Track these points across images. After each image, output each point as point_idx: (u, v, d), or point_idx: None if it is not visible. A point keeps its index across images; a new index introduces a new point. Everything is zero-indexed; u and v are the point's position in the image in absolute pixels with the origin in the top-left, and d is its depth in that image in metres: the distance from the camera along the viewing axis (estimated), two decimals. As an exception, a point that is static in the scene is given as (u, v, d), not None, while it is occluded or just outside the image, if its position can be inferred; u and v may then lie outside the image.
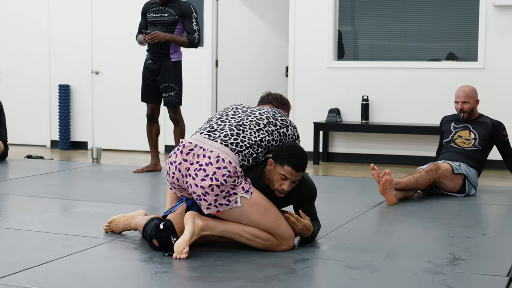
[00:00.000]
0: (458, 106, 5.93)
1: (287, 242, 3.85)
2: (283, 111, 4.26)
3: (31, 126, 10.47)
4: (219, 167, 3.64)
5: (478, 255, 3.92)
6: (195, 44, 6.74)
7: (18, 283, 3.24)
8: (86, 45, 10.10)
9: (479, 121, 5.98)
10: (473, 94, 5.94)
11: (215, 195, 3.65)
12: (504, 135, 5.90)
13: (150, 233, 3.84)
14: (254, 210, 3.73)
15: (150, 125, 7.00)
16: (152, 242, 3.84)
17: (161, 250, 3.76)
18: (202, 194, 3.66)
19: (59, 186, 6.43)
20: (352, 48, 9.18)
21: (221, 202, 3.67)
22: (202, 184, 3.64)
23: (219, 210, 3.69)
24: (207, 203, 3.68)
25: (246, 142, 3.80)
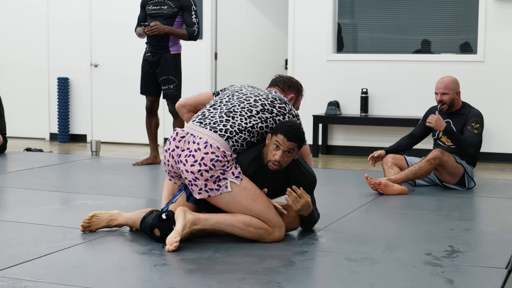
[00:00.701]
0: (438, 97, 5.76)
1: (279, 230, 3.86)
2: (290, 93, 4.29)
3: (30, 119, 10.46)
4: (206, 152, 3.73)
5: (477, 248, 3.92)
6: (194, 36, 6.73)
7: (18, 275, 3.24)
8: (85, 38, 10.09)
9: (460, 113, 5.78)
10: (453, 86, 5.75)
11: (204, 179, 3.72)
12: (472, 126, 5.67)
13: (151, 223, 3.84)
14: (244, 195, 3.78)
15: (149, 117, 7.00)
16: (153, 232, 3.84)
17: (162, 240, 3.77)
18: (193, 179, 3.74)
19: (58, 179, 6.43)
20: (351, 41, 9.17)
21: (211, 187, 3.74)
22: (192, 170, 3.73)
23: (210, 195, 3.75)
24: (198, 188, 3.75)
25: (236, 128, 3.84)
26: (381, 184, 5.42)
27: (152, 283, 3.16)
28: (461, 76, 8.37)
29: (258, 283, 3.20)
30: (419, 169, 5.56)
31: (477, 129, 5.69)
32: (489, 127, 8.29)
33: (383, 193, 5.41)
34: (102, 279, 3.23)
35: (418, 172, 5.57)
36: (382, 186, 5.42)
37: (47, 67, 10.32)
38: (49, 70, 10.32)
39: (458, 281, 3.25)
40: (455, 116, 5.79)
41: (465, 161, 5.68)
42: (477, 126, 5.69)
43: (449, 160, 5.59)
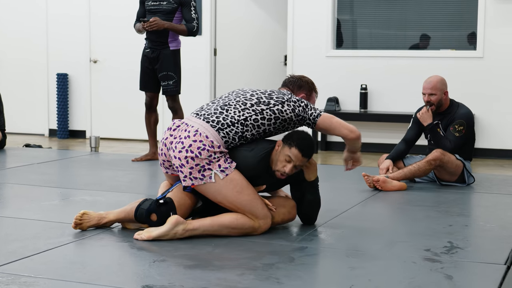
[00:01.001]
0: (425, 98, 5.70)
1: (265, 222, 3.89)
2: (300, 93, 4.26)
3: (29, 115, 10.46)
4: (195, 140, 3.80)
5: (476, 244, 3.93)
6: (194, 32, 6.73)
7: (17, 271, 3.24)
8: (84, 34, 10.08)
9: (447, 112, 5.73)
10: (440, 86, 5.69)
11: (190, 167, 3.78)
12: (455, 128, 5.62)
13: (148, 208, 3.84)
14: (230, 187, 3.81)
15: (148, 114, 6.99)
16: (150, 218, 3.83)
17: (158, 224, 3.79)
18: (179, 165, 3.82)
19: (58, 174, 6.43)
20: (351, 37, 9.17)
21: (195, 176, 3.79)
22: (179, 156, 3.81)
23: (194, 183, 3.81)
24: (183, 175, 3.82)
25: (228, 120, 3.88)
26: (380, 180, 5.42)
27: (151, 279, 3.16)
28: (461, 72, 8.38)
29: (258, 279, 3.20)
30: (418, 169, 5.55)
31: (459, 131, 5.62)
32: (488, 123, 8.29)
33: (382, 190, 5.42)
34: (101, 275, 3.23)
35: (416, 172, 5.56)
36: (380, 183, 5.42)
37: (46, 63, 10.31)
38: (48, 66, 10.31)
39: (457, 277, 3.25)
40: (443, 116, 5.76)
41: (462, 157, 5.67)
42: (461, 128, 5.63)
43: (450, 160, 5.58)
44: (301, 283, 3.15)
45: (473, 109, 5.75)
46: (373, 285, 3.12)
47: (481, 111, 8.26)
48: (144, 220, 3.88)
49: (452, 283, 3.16)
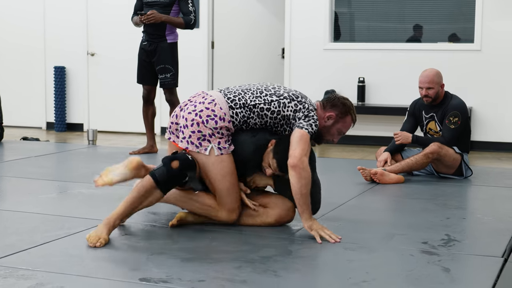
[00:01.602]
0: (423, 92, 5.67)
1: (228, 215, 3.87)
2: (329, 112, 4.06)
3: (27, 108, 10.44)
4: (208, 108, 3.85)
5: (473, 236, 3.93)
6: (191, 25, 6.72)
7: (15, 264, 3.24)
8: (81, 27, 10.06)
9: (442, 104, 5.71)
10: (437, 79, 5.66)
11: (191, 131, 3.83)
12: (450, 120, 5.60)
13: (171, 157, 3.77)
14: (218, 167, 3.82)
15: (146, 107, 6.98)
16: (170, 165, 3.72)
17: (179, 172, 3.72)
18: (184, 125, 3.86)
19: (55, 168, 6.43)
20: (348, 30, 9.16)
21: (193, 141, 3.82)
22: (187, 116, 3.86)
23: (188, 147, 3.84)
24: (183, 135, 3.86)
25: (242, 102, 3.90)
26: (377, 173, 5.42)
27: (149, 272, 3.16)
28: (458, 65, 8.38)
29: (255, 271, 3.21)
30: (415, 162, 5.55)
31: (455, 123, 5.61)
32: (485, 116, 8.30)
33: (380, 183, 5.42)
34: (99, 268, 3.24)
35: (414, 165, 5.57)
36: (378, 176, 5.42)
37: (43, 56, 10.30)
38: (45, 59, 10.30)
39: (454, 269, 3.26)
40: (438, 108, 5.74)
41: (460, 150, 5.68)
42: (455, 120, 5.62)
43: (447, 153, 5.58)
44: (299, 275, 3.16)
45: (470, 102, 5.75)
46: (370, 277, 3.12)
47: (478, 104, 8.27)
48: (166, 174, 3.70)
49: (450, 276, 3.16)
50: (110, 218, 3.73)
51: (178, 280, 3.06)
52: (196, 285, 3.00)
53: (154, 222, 4.08)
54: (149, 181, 3.73)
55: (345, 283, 3.05)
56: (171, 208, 4.40)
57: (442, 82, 5.71)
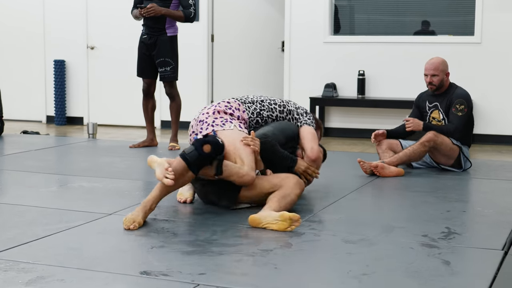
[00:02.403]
0: (427, 79, 5.72)
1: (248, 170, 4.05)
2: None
3: (27, 102, 10.44)
4: (223, 101, 4.47)
5: (474, 229, 3.93)
6: (191, 18, 6.71)
7: (15, 257, 3.25)
8: (81, 20, 10.05)
9: (446, 94, 5.75)
10: (442, 67, 5.71)
11: (214, 117, 4.31)
12: (456, 108, 5.64)
13: (202, 140, 3.85)
14: (240, 136, 4.20)
15: (146, 100, 6.98)
16: (202, 149, 3.82)
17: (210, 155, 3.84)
18: (205, 118, 4.33)
19: (55, 161, 6.43)
20: (348, 23, 9.15)
21: (217, 123, 4.29)
22: (207, 111, 4.38)
23: (214, 129, 4.25)
24: (207, 124, 4.29)
25: (250, 99, 4.56)
26: (378, 166, 5.42)
27: (149, 265, 3.16)
28: (459, 57, 8.37)
29: (255, 264, 3.21)
30: (413, 152, 5.55)
31: (461, 111, 5.63)
32: (485, 109, 8.30)
33: (380, 175, 5.42)
34: (99, 261, 3.24)
35: (412, 155, 5.57)
36: (379, 169, 5.42)
37: (43, 50, 10.29)
38: (45, 53, 10.29)
39: (454, 262, 3.26)
40: (442, 97, 5.77)
41: (459, 141, 5.68)
42: (462, 107, 5.65)
43: (444, 142, 5.58)
44: (299, 268, 3.16)
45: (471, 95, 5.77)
46: (370, 270, 3.13)
47: (479, 97, 8.26)
48: (198, 157, 3.82)
49: (450, 269, 3.16)
50: (146, 202, 3.85)
51: (178, 273, 3.06)
52: (197, 278, 3.01)
53: (154, 215, 4.08)
54: (181, 164, 3.86)
55: (345, 276, 3.06)
56: (171, 202, 4.41)
57: (448, 71, 5.75)
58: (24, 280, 2.95)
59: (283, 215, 3.76)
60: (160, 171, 3.83)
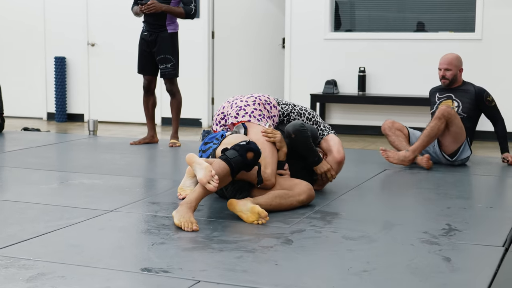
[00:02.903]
0: (441, 73, 5.83)
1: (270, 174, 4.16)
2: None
3: (28, 99, 10.45)
4: (263, 95, 4.59)
5: (474, 226, 3.93)
6: (191, 15, 6.70)
7: (16, 254, 3.25)
8: (82, 17, 10.04)
9: (462, 88, 5.86)
10: (456, 62, 5.83)
11: (254, 108, 4.43)
12: (489, 101, 5.79)
13: (246, 147, 3.87)
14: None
15: (146, 97, 6.97)
16: (246, 156, 3.85)
17: (252, 164, 3.88)
18: (244, 105, 4.43)
19: (56, 158, 6.43)
20: (349, 19, 9.15)
21: (255, 115, 4.40)
22: (247, 99, 4.48)
23: (250, 120, 4.36)
24: (245, 111, 4.41)
25: (283, 102, 4.72)
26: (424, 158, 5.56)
27: (150, 262, 3.17)
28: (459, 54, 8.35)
29: (256, 261, 3.21)
30: (431, 129, 5.59)
31: (493, 100, 5.82)
32: (486, 105, 8.29)
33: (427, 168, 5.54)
34: (100, 258, 3.24)
35: (431, 133, 5.60)
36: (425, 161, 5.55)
37: (44, 47, 10.29)
38: (46, 50, 10.29)
39: (455, 259, 3.26)
40: (456, 91, 5.86)
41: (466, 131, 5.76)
42: (491, 98, 5.82)
43: (457, 117, 5.67)
44: (299, 265, 3.16)
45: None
46: (371, 267, 3.13)
47: (479, 94, 8.25)
48: (241, 163, 3.85)
49: (450, 265, 3.16)
50: (190, 202, 3.78)
51: (179, 270, 3.07)
52: (197, 274, 3.01)
53: (155, 212, 4.08)
54: (226, 168, 3.84)
55: (346, 273, 3.06)
56: (172, 199, 4.41)
57: (461, 67, 5.84)
58: (25, 277, 2.95)
59: (253, 208, 3.81)
60: (205, 175, 3.76)
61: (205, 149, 4.29)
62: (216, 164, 3.86)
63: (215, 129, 4.57)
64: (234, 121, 4.42)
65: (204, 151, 4.29)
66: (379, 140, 8.32)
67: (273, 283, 2.94)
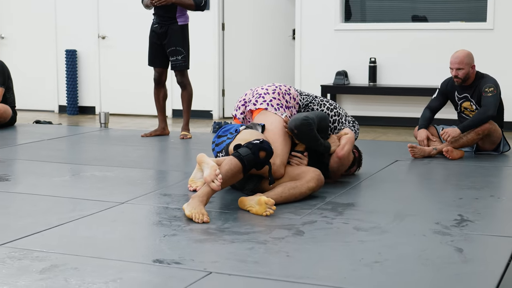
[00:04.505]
0: (453, 72, 5.77)
1: (279, 165, 4.18)
2: None
3: (39, 92, 10.48)
4: (285, 85, 4.62)
5: (486, 217, 3.92)
6: (201, 7, 6.70)
7: (28, 246, 3.27)
8: (92, 10, 10.06)
9: (475, 85, 5.80)
10: (468, 60, 5.74)
11: (273, 97, 4.48)
12: (486, 91, 5.69)
13: (259, 146, 3.89)
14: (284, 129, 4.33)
15: (157, 89, 6.98)
16: (259, 155, 3.88)
17: (264, 163, 3.90)
18: (264, 93, 4.50)
19: (68, 150, 6.45)
20: (359, 10, 9.12)
21: (273, 104, 4.44)
22: (267, 88, 4.55)
23: (268, 108, 4.41)
24: (263, 99, 4.47)
25: (305, 93, 4.75)
26: (448, 150, 5.59)
27: (162, 253, 3.18)
28: (470, 44, 8.32)
29: (267, 252, 3.22)
30: (466, 141, 5.69)
31: (492, 92, 5.70)
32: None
33: (451, 158, 5.58)
34: (112, 249, 3.26)
35: (465, 143, 5.71)
36: (449, 152, 5.59)
37: (54, 40, 10.31)
38: (57, 43, 10.31)
39: (467, 249, 3.25)
40: (471, 88, 5.83)
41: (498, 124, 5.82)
42: (491, 89, 5.71)
43: (496, 128, 5.71)
44: (311, 256, 3.17)
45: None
46: (382, 258, 3.13)
47: (491, 84, 8.22)
48: (253, 161, 3.88)
49: (462, 256, 3.16)
50: (201, 196, 3.79)
51: (191, 261, 3.08)
52: (209, 266, 3.02)
53: (166, 204, 4.09)
54: (238, 165, 3.87)
55: (357, 264, 3.06)
56: (183, 191, 4.42)
57: (473, 63, 5.79)
58: (38, 268, 2.97)
59: (260, 199, 3.83)
60: (209, 173, 3.78)
61: (219, 142, 4.30)
62: (228, 161, 3.88)
63: (235, 114, 4.63)
64: (252, 108, 4.49)
65: (218, 144, 4.30)
66: (390, 131, 8.31)
67: (285, 274, 2.94)
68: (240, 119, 4.61)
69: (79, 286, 2.78)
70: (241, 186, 4.27)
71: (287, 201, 4.06)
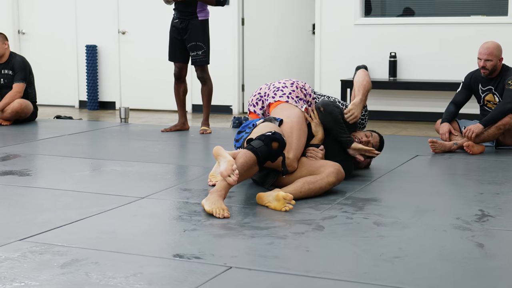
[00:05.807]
0: (481, 63, 5.77)
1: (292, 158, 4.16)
2: None
3: (60, 87, 10.53)
4: (301, 81, 4.65)
5: (507, 212, 3.90)
6: (221, 2, 6.70)
7: (49, 241, 3.29)
8: (112, 5, 10.09)
9: (500, 77, 5.80)
10: (496, 52, 5.75)
11: (292, 90, 4.51)
12: (509, 83, 5.69)
13: (271, 137, 3.90)
14: (301, 120, 4.36)
15: (177, 84, 7.00)
16: (271, 146, 3.89)
17: (277, 154, 3.93)
18: (282, 86, 4.52)
19: (88, 145, 6.49)
20: (379, 4, 9.07)
21: (293, 97, 4.47)
22: (285, 81, 4.57)
23: (288, 100, 4.43)
24: (282, 92, 4.49)
25: (319, 93, 4.79)
26: (469, 145, 5.57)
27: (182, 248, 3.19)
28: (491, 38, 8.24)
29: (287, 247, 3.22)
30: (487, 135, 5.67)
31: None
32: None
33: (471, 153, 5.56)
34: (132, 244, 3.27)
35: (486, 138, 5.68)
36: (470, 147, 5.58)
37: (75, 35, 10.35)
38: (77, 38, 10.35)
39: (488, 245, 3.24)
40: (495, 80, 5.82)
41: None
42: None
43: None
44: (330, 251, 3.16)
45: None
46: (403, 253, 3.12)
47: (512, 78, 8.15)
48: (267, 153, 3.90)
49: (483, 251, 3.14)
50: (220, 191, 3.80)
51: (211, 256, 3.08)
52: (229, 261, 3.02)
53: (186, 199, 4.10)
54: (252, 158, 3.88)
55: (378, 259, 3.05)
56: (203, 186, 4.43)
57: (501, 56, 5.77)
58: (59, 263, 2.99)
59: (278, 195, 3.82)
60: (226, 168, 3.78)
61: (238, 138, 4.31)
62: (242, 154, 3.88)
63: (253, 110, 4.63)
64: (271, 101, 4.48)
65: (237, 140, 4.31)
66: (411, 126, 8.27)
67: (304, 269, 2.94)
68: (260, 115, 4.60)
69: (100, 281, 2.79)
70: (262, 181, 4.27)
71: (306, 196, 4.05)
